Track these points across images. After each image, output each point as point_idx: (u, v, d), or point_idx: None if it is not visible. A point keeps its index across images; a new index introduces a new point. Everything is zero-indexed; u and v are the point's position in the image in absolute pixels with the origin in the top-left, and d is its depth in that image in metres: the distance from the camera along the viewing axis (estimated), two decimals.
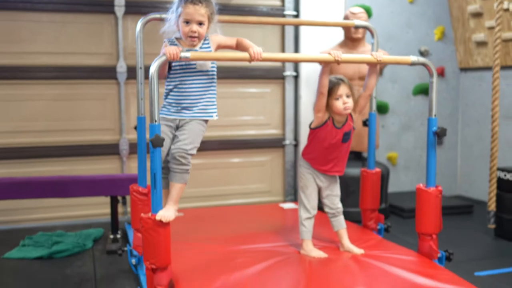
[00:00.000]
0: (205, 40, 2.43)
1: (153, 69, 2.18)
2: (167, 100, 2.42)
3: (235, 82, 4.51)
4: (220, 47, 2.49)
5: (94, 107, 4.17)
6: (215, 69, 2.45)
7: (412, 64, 2.60)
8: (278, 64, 4.60)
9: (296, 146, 4.66)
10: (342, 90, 2.65)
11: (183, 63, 2.37)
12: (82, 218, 4.20)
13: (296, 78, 4.61)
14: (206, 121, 2.47)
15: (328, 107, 2.68)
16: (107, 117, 4.21)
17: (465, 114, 5.14)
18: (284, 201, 4.71)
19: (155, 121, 2.20)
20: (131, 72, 4.11)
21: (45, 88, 4.06)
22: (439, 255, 2.74)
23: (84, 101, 4.15)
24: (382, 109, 4.91)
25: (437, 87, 2.62)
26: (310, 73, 4.45)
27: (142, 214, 2.26)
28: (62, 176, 3.61)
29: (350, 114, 2.76)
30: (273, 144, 4.65)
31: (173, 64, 2.36)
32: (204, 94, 2.42)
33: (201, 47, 2.41)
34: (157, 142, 2.18)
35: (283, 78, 4.60)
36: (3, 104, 3.98)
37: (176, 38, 2.40)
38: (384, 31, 4.77)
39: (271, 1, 4.55)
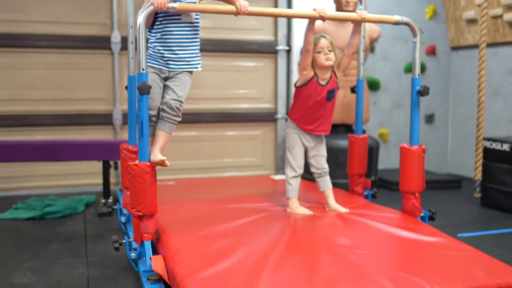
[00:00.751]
0: None
1: (140, 18, 2.23)
2: (153, 50, 2.44)
3: (228, 55, 4.56)
4: None
5: (88, 77, 4.22)
6: (199, 20, 2.48)
7: (396, 23, 2.65)
8: (271, 38, 4.66)
9: (287, 120, 4.70)
10: (323, 43, 2.71)
11: (168, 13, 2.39)
12: (75, 187, 4.26)
13: (289, 52, 4.66)
14: (191, 72, 2.51)
15: (312, 62, 2.74)
16: (101, 87, 4.26)
17: (456, 93, 5.20)
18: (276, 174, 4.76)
19: (142, 69, 2.25)
20: (125, 43, 4.15)
21: (40, 57, 4.11)
22: (422, 213, 2.80)
23: (78, 71, 4.20)
24: (374, 86, 4.96)
25: (420, 47, 2.67)
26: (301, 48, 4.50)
27: (129, 162, 2.31)
28: (54, 140, 3.66)
29: (334, 73, 2.81)
30: (266, 118, 4.71)
31: (158, 14, 2.39)
32: (189, 45, 2.45)
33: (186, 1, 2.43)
34: (145, 89, 2.23)
35: (275, 52, 4.66)
36: None
37: None
38: (375, 9, 4.81)
39: None
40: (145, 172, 2.28)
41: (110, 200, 3.63)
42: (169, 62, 2.42)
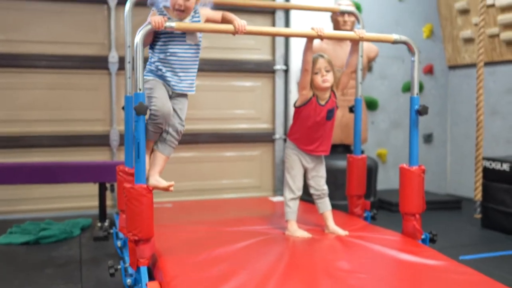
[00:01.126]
0: (195, 13, 2.44)
1: (138, 38, 2.21)
2: (154, 68, 2.40)
3: (226, 75, 4.55)
4: (207, 21, 2.51)
5: (85, 97, 4.20)
6: (201, 41, 2.47)
7: (394, 42, 2.64)
8: (269, 57, 4.66)
9: (285, 140, 4.68)
10: (321, 63, 2.70)
11: (172, 34, 2.38)
12: (71, 210, 4.20)
13: (287, 72, 4.66)
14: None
15: (311, 83, 2.72)
16: (99, 108, 4.24)
17: (454, 112, 5.19)
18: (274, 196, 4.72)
19: (139, 89, 2.22)
20: (123, 63, 4.14)
21: (37, 77, 4.09)
22: (423, 235, 2.75)
23: (76, 91, 4.18)
24: (372, 105, 4.95)
25: (418, 66, 2.66)
26: (300, 67, 4.49)
27: (126, 184, 2.27)
28: (49, 162, 3.63)
29: (333, 92, 2.79)
30: (263, 138, 4.68)
31: (162, 35, 2.38)
32: (191, 68, 2.44)
33: (191, 20, 2.42)
34: (141, 109, 2.19)
35: (273, 72, 4.65)
36: None
37: (165, 7, 2.40)
38: (373, 28, 4.80)
39: None
40: (142, 194, 2.23)
41: (106, 224, 3.57)
42: (171, 83, 2.39)
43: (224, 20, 2.48)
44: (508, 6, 4.22)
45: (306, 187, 2.97)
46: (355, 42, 2.77)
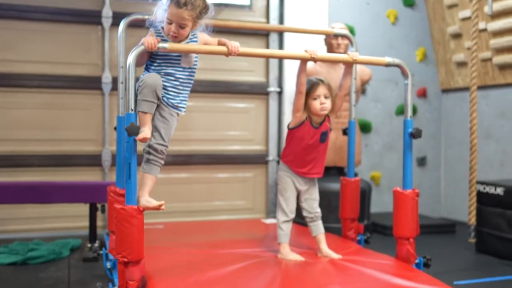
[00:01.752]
0: (193, 37, 2.44)
1: (130, 58, 2.21)
2: None
3: (219, 96, 4.55)
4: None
5: (78, 117, 4.17)
6: (196, 65, 2.47)
7: (388, 65, 2.65)
8: (263, 79, 4.66)
9: (279, 162, 4.66)
10: (321, 90, 2.69)
11: (167, 56, 2.37)
12: (60, 231, 4.14)
13: (280, 94, 4.66)
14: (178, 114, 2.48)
15: (306, 106, 2.71)
16: (91, 128, 4.21)
17: (448, 135, 5.20)
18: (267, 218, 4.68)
19: (131, 110, 2.21)
20: (116, 83, 4.13)
21: (30, 97, 4.07)
22: (417, 260, 2.73)
23: (68, 111, 4.15)
24: (365, 128, 4.95)
25: (412, 89, 2.66)
26: (294, 90, 4.49)
27: (116, 205, 2.24)
28: (40, 181, 3.58)
29: (328, 115, 2.78)
30: (257, 160, 4.66)
31: (158, 56, 2.38)
32: (184, 89, 2.44)
33: (188, 43, 2.42)
34: (133, 130, 2.18)
35: (267, 94, 4.65)
36: None
37: (163, 28, 2.40)
38: (367, 51, 4.83)
39: (256, 17, 4.64)
40: (132, 215, 2.20)
41: (96, 245, 3.52)
42: (163, 98, 2.38)
43: (220, 45, 2.49)
44: (500, 31, 4.26)
45: (299, 209, 2.95)
46: (349, 65, 2.78)
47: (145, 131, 2.24)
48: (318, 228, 2.91)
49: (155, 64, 2.39)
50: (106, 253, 2.99)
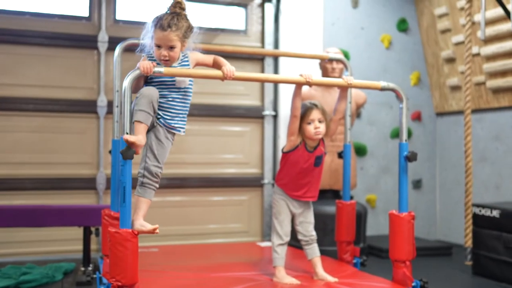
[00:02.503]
0: (184, 57, 2.47)
1: (126, 82, 2.22)
2: None
3: (215, 120, 4.56)
4: (198, 64, 2.54)
5: (73, 141, 4.17)
6: (191, 86, 2.48)
7: (382, 89, 2.67)
8: (258, 103, 4.68)
9: (274, 185, 4.65)
10: (315, 114, 2.70)
11: (162, 78, 2.39)
12: (54, 254, 4.10)
13: (275, 117, 4.68)
14: (174, 135, 2.49)
15: (301, 130, 2.72)
16: (86, 151, 4.21)
17: (443, 158, 5.21)
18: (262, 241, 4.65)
19: (127, 133, 2.21)
20: (112, 107, 4.13)
21: (25, 120, 4.07)
22: (413, 283, 2.71)
23: (63, 134, 4.15)
24: (361, 151, 4.96)
25: (406, 112, 2.68)
26: (289, 113, 4.51)
27: (110, 228, 2.23)
28: (34, 205, 3.56)
29: (322, 139, 2.79)
30: (252, 183, 4.65)
31: (153, 79, 2.39)
32: (181, 110, 2.45)
33: (180, 64, 2.45)
34: (128, 154, 2.17)
35: (262, 117, 4.67)
36: None
37: (151, 55, 2.44)
38: (361, 75, 4.88)
39: (252, 42, 4.69)
40: (126, 239, 2.19)
41: (90, 268, 3.48)
42: (160, 119, 2.40)
43: (215, 64, 2.50)
44: (492, 55, 4.31)
45: (294, 232, 2.94)
46: (344, 89, 2.80)
47: (139, 137, 2.22)
48: (313, 251, 2.90)
49: (152, 85, 2.41)
50: (100, 277, 2.95)
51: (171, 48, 2.36)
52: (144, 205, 2.37)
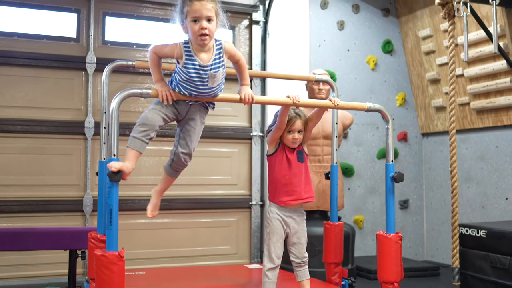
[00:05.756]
0: (218, 46, 2.36)
1: (114, 103, 2.22)
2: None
3: (203, 141, 4.48)
4: (228, 57, 2.43)
5: (60, 162, 4.15)
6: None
7: (368, 110, 2.69)
8: (246, 124, 4.70)
9: (262, 206, 4.66)
10: (297, 125, 2.73)
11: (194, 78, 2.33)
12: (39, 278, 4.04)
13: (263, 138, 4.69)
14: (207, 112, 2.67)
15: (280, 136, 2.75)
16: (73, 173, 4.18)
17: (429, 178, 5.25)
18: (250, 263, 4.63)
19: (114, 155, 2.20)
20: (99, 128, 4.12)
21: (12, 142, 4.04)
22: None
23: (50, 156, 4.13)
24: (348, 172, 4.98)
25: (392, 133, 2.70)
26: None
27: (96, 251, 2.20)
28: (18, 228, 3.51)
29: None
30: (240, 204, 4.64)
31: (181, 77, 2.34)
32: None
33: (214, 59, 2.35)
34: (114, 176, 2.16)
35: (250, 138, 4.68)
36: None
37: (186, 43, 2.33)
38: (347, 97, 4.94)
39: None
40: (113, 262, 2.17)
41: None
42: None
43: (237, 66, 2.48)
44: (476, 76, 4.39)
45: (285, 253, 2.91)
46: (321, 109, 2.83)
47: (126, 165, 2.19)
48: (304, 274, 2.87)
49: (179, 79, 2.37)
50: None
51: (209, 21, 2.26)
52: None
